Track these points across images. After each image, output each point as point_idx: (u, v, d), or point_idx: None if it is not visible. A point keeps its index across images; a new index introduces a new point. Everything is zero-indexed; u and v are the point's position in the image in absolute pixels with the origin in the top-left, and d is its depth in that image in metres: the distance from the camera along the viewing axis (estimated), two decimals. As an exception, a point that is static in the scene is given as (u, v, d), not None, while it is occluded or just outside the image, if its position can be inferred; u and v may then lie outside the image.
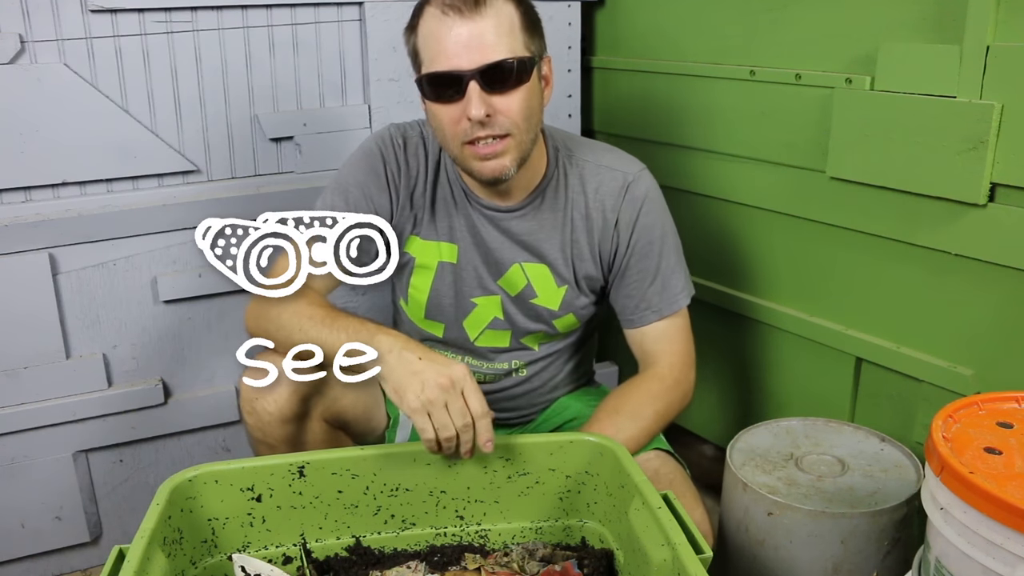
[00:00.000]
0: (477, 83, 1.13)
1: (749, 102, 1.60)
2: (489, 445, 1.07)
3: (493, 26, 1.13)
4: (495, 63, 1.13)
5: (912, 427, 1.40)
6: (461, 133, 1.17)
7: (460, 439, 1.06)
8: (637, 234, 1.30)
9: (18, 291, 1.52)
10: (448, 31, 1.13)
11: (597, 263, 1.33)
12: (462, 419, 1.05)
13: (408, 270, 1.36)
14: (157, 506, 1.00)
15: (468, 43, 1.13)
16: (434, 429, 1.05)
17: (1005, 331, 1.26)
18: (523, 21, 1.17)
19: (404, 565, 1.13)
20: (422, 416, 1.05)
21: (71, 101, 1.50)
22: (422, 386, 1.04)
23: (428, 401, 1.04)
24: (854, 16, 1.40)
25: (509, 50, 1.14)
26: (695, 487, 1.29)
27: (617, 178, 1.31)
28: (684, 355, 1.34)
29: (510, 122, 1.17)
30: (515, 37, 1.16)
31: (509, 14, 1.15)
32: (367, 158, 1.31)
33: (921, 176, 1.29)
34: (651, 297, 1.31)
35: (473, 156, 1.19)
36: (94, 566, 1.72)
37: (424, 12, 1.17)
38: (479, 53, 1.13)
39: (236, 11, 1.61)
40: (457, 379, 1.05)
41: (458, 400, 1.05)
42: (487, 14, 1.13)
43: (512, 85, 1.16)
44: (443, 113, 1.18)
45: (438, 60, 1.15)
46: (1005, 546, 0.76)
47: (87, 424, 1.63)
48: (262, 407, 1.20)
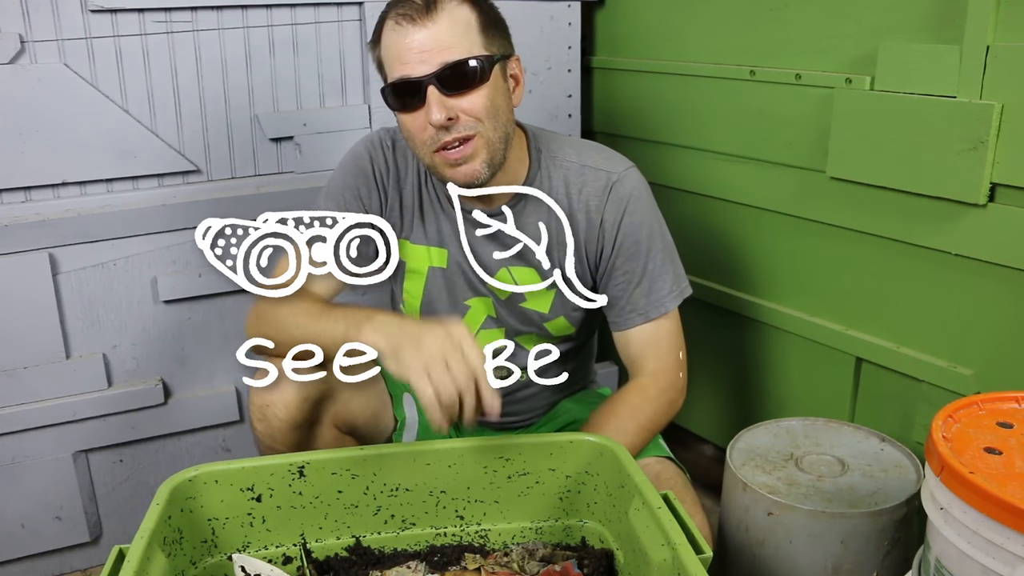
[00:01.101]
0: (435, 87, 1.13)
1: (749, 102, 1.60)
2: (495, 405, 1.02)
3: (447, 28, 1.13)
4: (450, 64, 1.13)
5: (912, 427, 1.40)
6: (429, 140, 1.17)
7: (464, 400, 1.01)
8: (622, 234, 1.29)
9: (18, 291, 1.52)
10: (403, 39, 1.14)
11: (584, 264, 1.32)
12: (464, 375, 1.01)
13: (400, 274, 1.36)
14: (157, 506, 1.00)
15: (422, 48, 1.13)
16: (435, 392, 1.00)
17: (1005, 331, 1.26)
18: (480, 21, 1.17)
19: (404, 565, 1.13)
20: (422, 377, 1.00)
21: (71, 101, 1.50)
22: (418, 346, 1.01)
23: (427, 358, 1.00)
24: (854, 16, 1.40)
25: (465, 51, 1.14)
26: (695, 491, 1.29)
27: (601, 178, 1.29)
28: (670, 361, 1.31)
29: (474, 121, 1.16)
30: (471, 38, 1.15)
31: (464, 16, 1.15)
32: (356, 161, 1.32)
33: (921, 176, 1.29)
34: (637, 299, 1.30)
35: (444, 163, 1.18)
36: (94, 566, 1.72)
37: (384, 25, 1.17)
38: (434, 57, 1.13)
39: (236, 11, 1.61)
40: (455, 335, 1.02)
41: (457, 354, 1.01)
42: (439, 19, 1.13)
43: (472, 85, 1.15)
44: (409, 122, 1.18)
45: (395, 68, 1.15)
46: (1005, 546, 0.76)
47: (87, 424, 1.63)
48: (273, 414, 1.20)
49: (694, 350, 1.38)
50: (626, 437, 1.21)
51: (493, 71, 1.17)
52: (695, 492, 1.28)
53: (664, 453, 1.33)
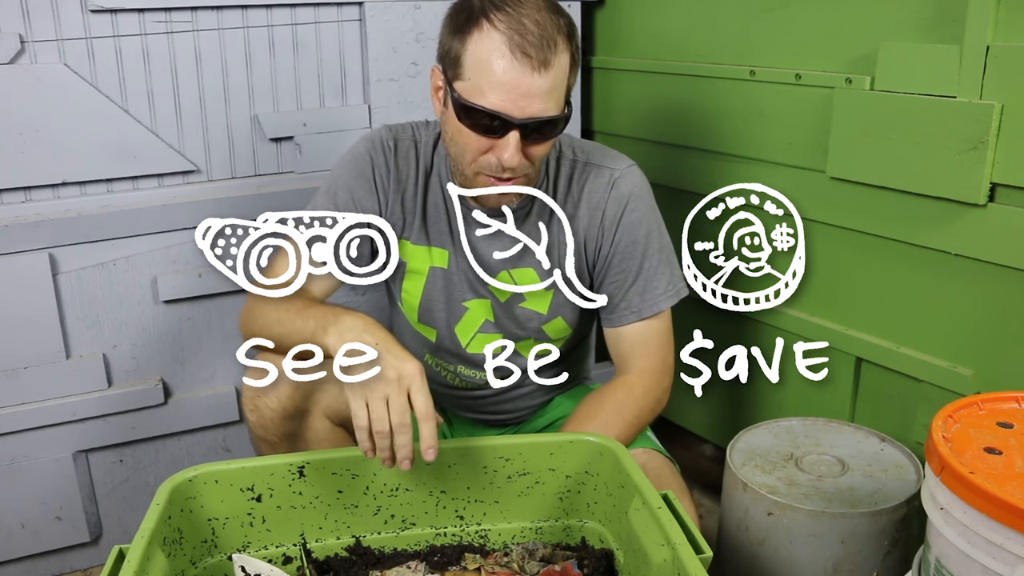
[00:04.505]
0: (519, 132, 1.13)
1: (749, 102, 1.60)
2: (431, 452, 1.02)
3: (551, 83, 1.12)
4: (543, 120, 1.13)
5: (912, 427, 1.40)
6: (483, 164, 1.17)
7: (395, 440, 1.02)
8: (621, 232, 1.29)
9: (18, 291, 1.52)
10: (512, 76, 1.10)
11: (583, 261, 1.33)
12: (399, 416, 1.01)
13: (400, 275, 1.36)
14: (157, 506, 1.00)
15: (526, 94, 1.11)
16: (367, 422, 1.01)
17: (1005, 331, 1.26)
18: (571, 67, 1.16)
19: (404, 565, 1.13)
20: (359, 401, 1.01)
21: (71, 101, 1.50)
22: (367, 371, 1.01)
23: (369, 387, 1.00)
24: (854, 16, 1.40)
25: (556, 107, 1.14)
26: (684, 482, 1.29)
27: (603, 175, 1.30)
28: (659, 362, 1.32)
29: (533, 168, 1.18)
30: (563, 90, 1.15)
31: (564, 65, 1.14)
32: (355, 161, 1.31)
33: (921, 176, 1.29)
34: (631, 297, 1.30)
35: (486, 184, 1.18)
36: (94, 566, 1.72)
37: (484, 30, 1.11)
38: (532, 105, 1.11)
39: (236, 11, 1.61)
40: (405, 375, 1.02)
41: (401, 397, 1.01)
42: (551, 72, 1.11)
43: (549, 138, 1.16)
44: (472, 139, 1.16)
45: (488, 96, 1.12)
46: (1005, 546, 0.76)
47: (87, 424, 1.63)
48: (264, 404, 1.20)
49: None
50: (611, 433, 1.22)
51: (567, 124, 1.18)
52: (684, 481, 1.29)
53: (652, 444, 1.33)
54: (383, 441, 1.02)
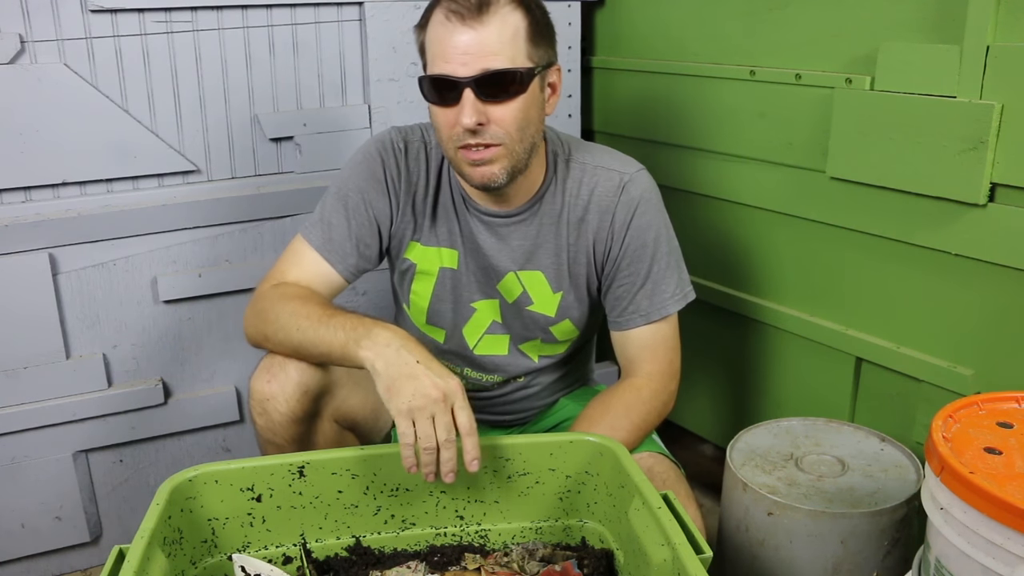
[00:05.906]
0: (472, 91, 1.13)
1: (749, 102, 1.60)
2: (475, 464, 1.06)
3: (495, 33, 1.12)
4: (491, 72, 1.13)
5: (912, 427, 1.40)
6: (455, 137, 1.17)
7: (441, 455, 1.04)
8: (631, 235, 1.29)
9: (18, 291, 1.52)
10: (449, 36, 1.13)
11: (591, 264, 1.32)
12: (446, 433, 1.03)
13: (409, 276, 1.35)
14: (157, 506, 1.00)
15: (467, 50, 1.12)
16: (415, 438, 1.03)
17: (1005, 331, 1.26)
18: (530, 30, 1.16)
19: (404, 565, 1.13)
20: (406, 421, 1.03)
21: (71, 101, 1.50)
22: (413, 391, 1.03)
23: (416, 408, 1.03)
24: (854, 16, 1.40)
25: (509, 60, 1.13)
26: (689, 486, 1.29)
27: (613, 178, 1.29)
28: (666, 365, 1.32)
29: (503, 132, 1.16)
30: (517, 47, 1.14)
31: (514, 22, 1.14)
32: (367, 162, 1.30)
33: (921, 176, 1.29)
34: (640, 301, 1.30)
35: (465, 160, 1.18)
36: (94, 566, 1.72)
37: (433, 12, 1.16)
38: (477, 61, 1.12)
39: (236, 11, 1.61)
40: (450, 392, 1.04)
41: (446, 415, 1.04)
42: (489, 22, 1.12)
43: (508, 95, 1.15)
44: (440, 115, 1.18)
45: (437, 63, 1.15)
46: (1005, 546, 0.76)
47: (87, 424, 1.63)
48: (273, 407, 1.20)
49: (694, 350, 1.38)
50: (618, 435, 1.22)
51: (532, 82, 1.17)
52: (689, 486, 1.29)
53: (658, 448, 1.33)
54: (428, 457, 1.04)
